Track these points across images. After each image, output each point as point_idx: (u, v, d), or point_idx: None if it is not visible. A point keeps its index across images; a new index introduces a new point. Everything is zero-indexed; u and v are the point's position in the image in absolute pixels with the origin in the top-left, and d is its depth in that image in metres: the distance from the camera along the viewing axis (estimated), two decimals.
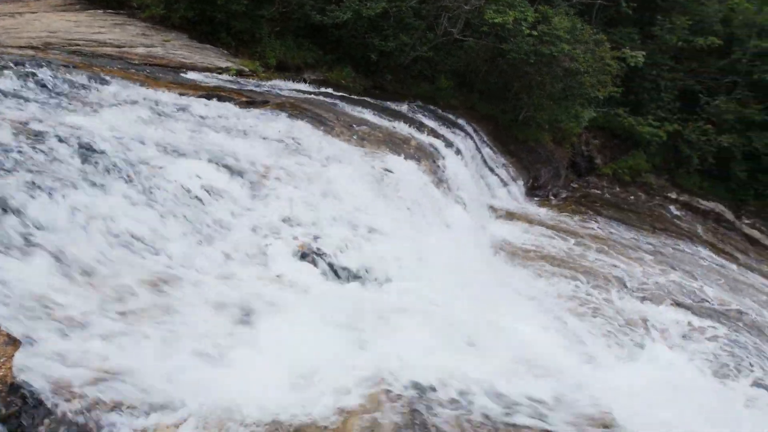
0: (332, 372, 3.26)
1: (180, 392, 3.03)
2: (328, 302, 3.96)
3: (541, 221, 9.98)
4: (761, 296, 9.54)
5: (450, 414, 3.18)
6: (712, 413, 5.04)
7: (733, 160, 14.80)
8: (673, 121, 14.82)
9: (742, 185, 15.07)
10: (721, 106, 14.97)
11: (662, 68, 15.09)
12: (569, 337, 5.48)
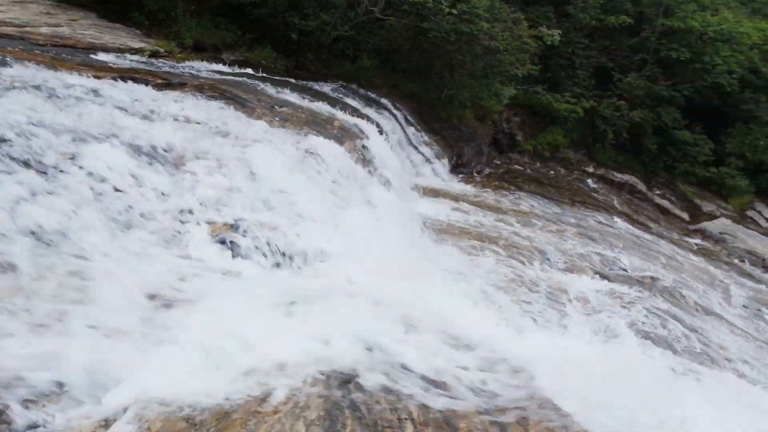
0: (258, 356, 3.23)
1: (103, 384, 2.95)
2: (252, 286, 3.90)
3: (465, 198, 10.15)
4: (672, 262, 10.07)
5: (379, 395, 3.21)
6: (631, 376, 5.29)
7: (644, 135, 15.49)
8: (589, 97, 15.34)
9: (653, 158, 15.83)
10: (632, 82, 15.59)
11: (577, 46, 15.55)
12: (495, 310, 5.61)
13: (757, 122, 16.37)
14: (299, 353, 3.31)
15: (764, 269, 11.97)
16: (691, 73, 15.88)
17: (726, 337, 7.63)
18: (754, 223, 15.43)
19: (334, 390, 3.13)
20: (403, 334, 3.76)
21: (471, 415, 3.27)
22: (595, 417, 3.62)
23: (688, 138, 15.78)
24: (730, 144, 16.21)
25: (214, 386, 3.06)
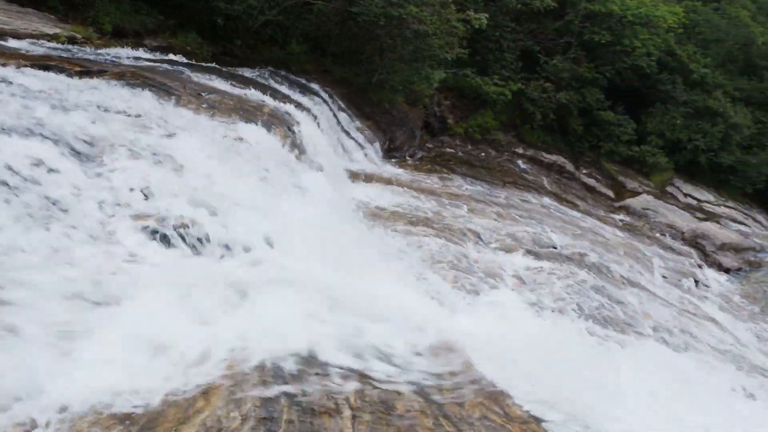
0: (189, 349, 3.16)
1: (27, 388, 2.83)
2: (182, 278, 3.81)
3: (399, 182, 10.20)
4: (599, 238, 10.45)
5: (315, 381, 3.20)
6: (563, 348, 5.47)
7: (570, 116, 15.94)
8: (517, 80, 15.64)
9: (579, 138, 16.34)
10: (557, 65, 16.00)
11: (504, 30, 15.81)
12: (430, 291, 5.69)
13: (674, 102, 17.12)
14: (231, 343, 3.27)
15: (683, 241, 12.58)
16: (613, 55, 16.42)
17: (650, 308, 7.99)
18: (674, 198, 16.18)
19: (269, 378, 3.11)
20: (335, 317, 3.77)
21: (408, 395, 3.31)
22: (529, 389, 3.74)
23: (612, 118, 16.35)
24: (650, 123, 16.90)
25: (143, 382, 2.98)
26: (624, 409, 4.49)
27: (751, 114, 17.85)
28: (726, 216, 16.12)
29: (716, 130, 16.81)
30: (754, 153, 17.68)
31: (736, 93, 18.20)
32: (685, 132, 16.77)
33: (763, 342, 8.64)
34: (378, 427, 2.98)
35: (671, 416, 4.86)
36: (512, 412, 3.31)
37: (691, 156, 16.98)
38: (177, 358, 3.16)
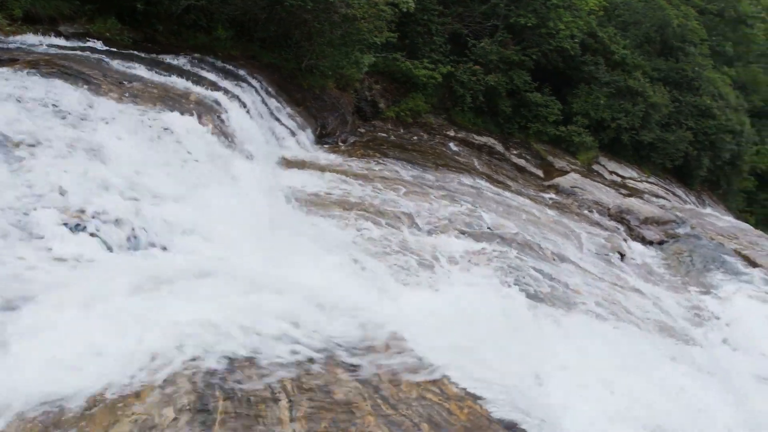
0: (118, 345, 3.06)
1: None
2: (108, 272, 3.68)
3: (332, 168, 10.14)
4: (530, 217, 10.70)
5: (250, 371, 3.16)
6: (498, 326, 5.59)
7: (499, 98, 16.23)
8: (446, 63, 15.76)
9: (508, 120, 16.67)
10: (485, 48, 16.22)
11: (432, 13, 15.89)
12: (366, 276, 5.69)
13: (597, 83, 17.68)
14: (161, 337, 3.19)
15: (609, 217, 13.05)
16: (538, 38, 16.78)
17: (580, 282, 8.25)
18: (600, 176, 16.76)
19: (202, 371, 3.05)
20: (270, 307, 3.72)
21: (345, 380, 3.31)
22: (466, 368, 3.80)
23: (539, 99, 16.74)
24: (576, 104, 17.40)
25: (73, 382, 2.87)
26: (558, 380, 4.64)
27: (668, 93, 18.63)
28: (648, 191, 16.83)
29: (637, 110, 17.47)
30: (672, 130, 18.49)
31: (654, 73, 18.95)
32: (608, 111, 17.36)
33: (684, 308, 9.09)
34: (316, 413, 2.98)
35: (602, 383, 5.05)
36: (449, 390, 3.37)
37: (615, 134, 17.61)
38: (105, 355, 3.05)
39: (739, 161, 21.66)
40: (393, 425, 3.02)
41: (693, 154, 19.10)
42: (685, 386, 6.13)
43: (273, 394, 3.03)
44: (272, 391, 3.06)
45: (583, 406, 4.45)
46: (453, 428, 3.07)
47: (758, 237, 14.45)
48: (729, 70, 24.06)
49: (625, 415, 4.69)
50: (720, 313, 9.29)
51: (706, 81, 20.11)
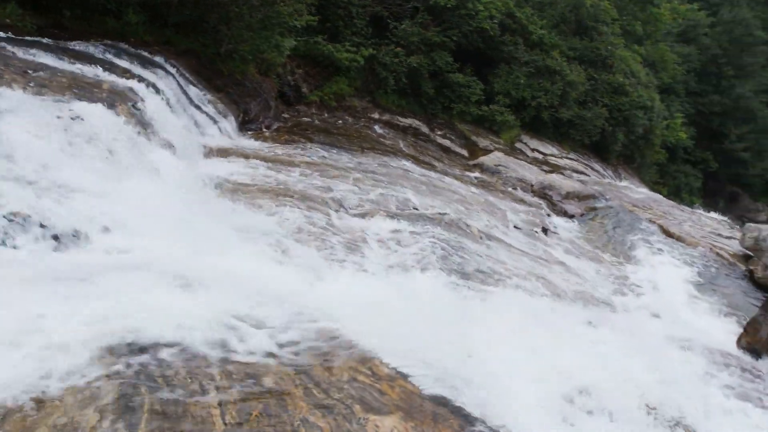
0: (36, 344, 2.92)
1: None
2: (23, 271, 3.50)
3: (257, 155, 9.97)
4: (456, 196, 10.87)
5: (176, 363, 3.08)
6: (428, 306, 5.67)
7: (422, 79, 16.34)
8: (368, 46, 15.73)
9: (432, 101, 16.83)
10: (407, 30, 16.28)
11: None
12: (294, 262, 5.64)
13: (516, 63, 18.07)
14: (83, 334, 3.06)
15: (533, 194, 13.43)
16: (458, 19, 16.96)
17: (507, 258, 8.47)
18: (522, 154, 17.20)
19: (126, 368, 2.95)
20: (196, 297, 3.64)
21: (276, 367, 3.29)
22: (396, 348, 3.84)
23: (461, 80, 16.97)
24: (497, 83, 17.74)
25: None
26: (487, 353, 4.76)
27: (584, 72, 19.26)
28: (568, 167, 17.40)
29: (555, 88, 17.98)
30: (588, 108, 19.14)
31: (570, 53, 19.53)
32: (528, 90, 17.79)
33: (605, 278, 9.48)
34: (247, 402, 2.94)
35: (529, 353, 5.21)
36: (380, 371, 3.39)
37: (535, 113, 18.08)
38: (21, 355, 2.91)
39: (651, 135, 22.69)
40: (325, 409, 3.02)
41: (609, 130, 19.86)
42: (607, 351, 6.42)
43: (201, 387, 2.97)
44: (200, 384, 3.00)
45: (512, 377, 4.58)
46: (385, 408, 3.10)
47: (670, 207, 15.23)
48: (639, 49, 25.08)
49: (552, 382, 4.87)
50: (638, 281, 9.75)
51: (619, 59, 20.90)
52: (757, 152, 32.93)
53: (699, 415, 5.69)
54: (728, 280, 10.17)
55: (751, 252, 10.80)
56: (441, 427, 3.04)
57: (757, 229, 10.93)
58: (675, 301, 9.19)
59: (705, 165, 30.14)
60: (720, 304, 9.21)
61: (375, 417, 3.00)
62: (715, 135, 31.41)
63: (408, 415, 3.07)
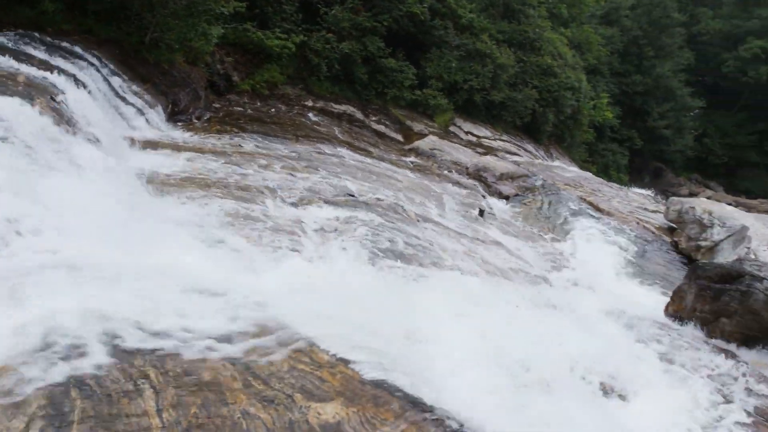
0: None
1: None
2: None
3: (188, 146, 9.73)
4: (393, 181, 10.92)
5: (109, 363, 2.98)
6: (368, 290, 5.68)
7: (354, 65, 16.26)
8: (299, 32, 15.51)
9: (365, 87, 16.78)
10: (337, 15, 16.13)
11: None
12: (230, 254, 5.54)
13: (448, 47, 18.21)
14: (6, 340, 2.92)
15: (468, 176, 13.63)
16: (388, 3, 16.93)
17: (444, 240, 8.57)
18: (457, 137, 17.40)
19: (55, 372, 2.83)
20: (128, 295, 3.53)
21: (213, 362, 3.23)
22: (335, 334, 3.83)
23: (394, 65, 16.98)
24: (429, 68, 17.84)
25: None
26: (427, 334, 4.81)
27: (513, 54, 19.60)
28: (502, 149, 17.74)
29: (486, 71, 18.24)
30: (519, 90, 19.53)
31: (499, 36, 19.84)
32: (460, 74, 17.98)
33: (539, 255, 9.74)
34: (185, 399, 2.88)
35: (469, 332, 5.31)
36: (320, 359, 3.38)
37: (467, 96, 18.31)
38: None
39: (579, 116, 23.37)
40: (266, 400, 2.99)
41: (539, 111, 20.33)
42: (545, 326, 6.61)
43: (136, 386, 2.89)
44: (135, 383, 2.91)
45: (452, 356, 4.66)
46: (327, 395, 3.09)
47: (600, 184, 15.76)
48: (565, 31, 25.74)
49: (491, 359, 4.98)
50: (571, 256, 10.06)
51: (546, 42, 21.38)
52: (678, 129, 34.43)
53: (631, 381, 5.95)
54: (655, 252, 10.63)
55: (675, 224, 11.32)
56: (382, 410, 3.06)
57: (680, 202, 11.45)
58: (607, 275, 9.54)
59: (630, 143, 31.29)
60: (648, 275, 9.62)
61: (317, 404, 2.99)
62: (638, 114, 32.62)
63: (349, 400, 3.07)
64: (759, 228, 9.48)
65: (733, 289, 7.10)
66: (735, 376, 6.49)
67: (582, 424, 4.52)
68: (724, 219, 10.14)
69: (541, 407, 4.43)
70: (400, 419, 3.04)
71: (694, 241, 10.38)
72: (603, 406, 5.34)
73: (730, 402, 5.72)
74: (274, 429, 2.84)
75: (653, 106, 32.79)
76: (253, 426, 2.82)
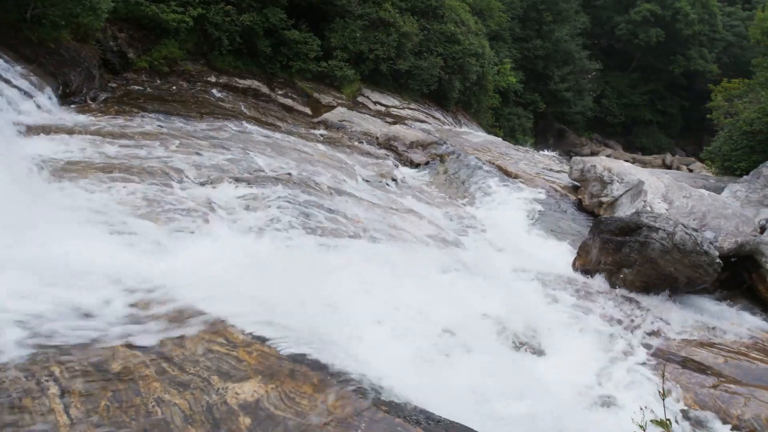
0: None
1: None
2: None
3: (84, 129, 9.20)
4: (304, 155, 10.78)
5: (7, 361, 2.80)
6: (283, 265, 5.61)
7: (257, 38, 15.79)
8: (197, 5, 14.87)
9: (269, 60, 16.36)
10: None
11: None
12: (137, 239, 5.32)
13: (351, 16, 18.01)
14: None
15: (379, 146, 13.65)
16: None
17: (358, 211, 8.58)
18: (365, 107, 17.36)
19: None
20: (24, 288, 3.32)
21: (123, 351, 3.10)
22: (250, 312, 3.76)
23: (298, 36, 16.64)
24: (334, 38, 17.61)
25: None
26: (346, 306, 4.82)
27: (417, 22, 19.65)
28: (410, 117, 17.85)
29: (391, 40, 18.21)
30: (424, 58, 19.63)
31: (402, 3, 19.79)
32: (365, 43, 17.87)
33: (452, 220, 9.93)
34: (94, 393, 2.76)
35: (387, 300, 5.36)
36: (236, 338, 3.31)
37: (374, 66, 18.24)
38: None
39: (484, 81, 23.82)
40: (181, 386, 2.90)
41: (445, 79, 20.55)
42: (461, 290, 6.79)
43: (39, 384, 2.73)
44: (38, 381, 2.76)
45: (372, 326, 4.70)
46: (244, 374, 3.04)
47: (507, 148, 16.19)
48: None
49: (411, 326, 5.06)
50: (483, 219, 10.33)
51: (449, 9, 21.54)
52: (578, 91, 35.82)
53: (544, 335, 6.23)
54: (562, 211, 11.07)
55: (579, 183, 11.81)
56: (301, 383, 3.05)
57: (582, 161, 11.94)
58: (517, 235, 9.87)
59: (534, 106, 32.29)
60: (556, 232, 10.02)
61: (234, 385, 2.93)
62: (541, 77, 33.65)
63: (268, 377, 3.04)
64: (653, 182, 10.03)
65: (633, 240, 7.51)
66: (637, 322, 6.92)
67: (500, 381, 4.69)
68: (622, 175, 10.67)
69: (460, 369, 4.55)
70: (319, 391, 3.04)
71: (596, 197, 10.88)
72: (519, 361, 5.56)
73: (632, 345, 6.10)
74: (192, 414, 2.77)
75: (554, 70, 33.90)
76: (170, 413, 2.74)
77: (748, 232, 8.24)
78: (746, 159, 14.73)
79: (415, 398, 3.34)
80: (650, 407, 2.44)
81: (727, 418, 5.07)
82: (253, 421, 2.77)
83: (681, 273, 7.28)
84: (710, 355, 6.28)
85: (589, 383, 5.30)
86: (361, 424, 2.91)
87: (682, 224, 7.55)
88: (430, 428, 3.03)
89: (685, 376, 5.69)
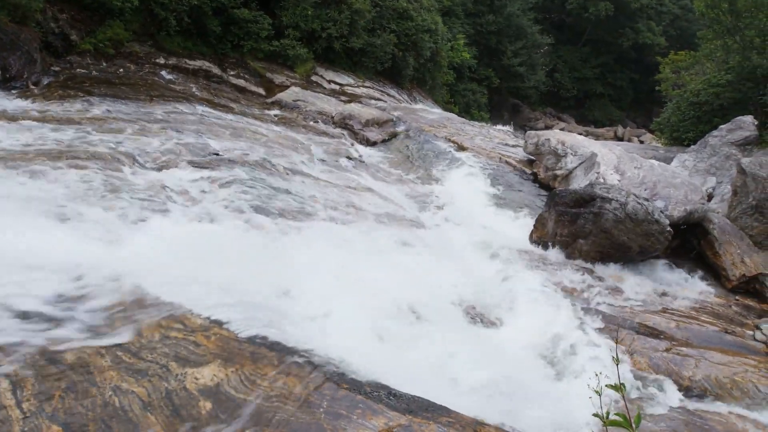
0: None
1: None
2: None
3: (27, 115, 8.88)
4: (258, 136, 10.63)
5: None
6: (240, 248, 5.55)
7: (206, 17, 15.40)
8: None
9: (220, 40, 16.01)
10: None
11: None
12: (87, 227, 5.18)
13: None
14: None
15: (334, 125, 13.54)
16: None
17: (315, 191, 8.53)
18: (319, 86, 17.18)
19: None
20: None
21: (76, 342, 3.03)
22: (207, 296, 3.72)
23: (248, 15, 16.30)
24: (285, 17, 17.32)
25: None
26: (306, 287, 4.80)
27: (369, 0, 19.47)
28: (365, 95, 17.75)
29: (344, 17, 18.00)
30: (377, 35, 19.50)
31: None
32: (317, 22, 17.63)
33: (409, 197, 9.97)
34: (46, 386, 2.69)
35: (348, 279, 5.36)
36: (193, 323, 3.27)
37: (327, 44, 18.03)
38: None
39: (438, 57, 23.79)
40: (139, 373, 2.86)
41: (399, 56, 20.46)
42: (421, 266, 6.83)
43: None
44: None
45: (333, 305, 4.70)
46: (203, 358, 3.01)
47: (462, 123, 16.26)
48: None
49: (372, 303, 5.08)
50: (440, 195, 10.38)
51: None
52: (531, 66, 36.12)
53: (502, 306, 6.33)
54: (518, 185, 11.22)
55: (534, 156, 11.97)
56: (260, 364, 3.03)
57: (536, 135, 12.09)
58: (475, 210, 9.96)
59: (489, 81, 32.44)
60: (513, 206, 10.15)
61: (193, 370, 2.90)
62: (494, 53, 33.79)
63: (227, 360, 3.01)
64: (606, 154, 10.22)
65: (587, 211, 7.67)
66: (593, 291, 7.10)
67: (460, 352, 4.75)
68: (575, 148, 10.84)
69: (420, 343, 4.60)
70: (280, 372, 3.03)
71: (551, 170, 11.04)
72: (478, 332, 5.65)
73: (587, 313, 6.25)
74: (151, 401, 2.73)
75: (507, 45, 34.08)
76: (128, 401, 2.69)
77: (696, 200, 8.49)
78: (693, 129, 15.12)
79: (377, 374, 3.36)
80: (605, 372, 2.51)
81: (680, 380, 5.26)
82: (214, 405, 2.75)
83: (634, 242, 7.47)
84: (663, 320, 6.49)
85: (547, 350, 5.43)
86: (323, 402, 2.92)
87: (634, 194, 7.73)
88: (392, 403, 3.06)
89: (639, 341, 5.87)
